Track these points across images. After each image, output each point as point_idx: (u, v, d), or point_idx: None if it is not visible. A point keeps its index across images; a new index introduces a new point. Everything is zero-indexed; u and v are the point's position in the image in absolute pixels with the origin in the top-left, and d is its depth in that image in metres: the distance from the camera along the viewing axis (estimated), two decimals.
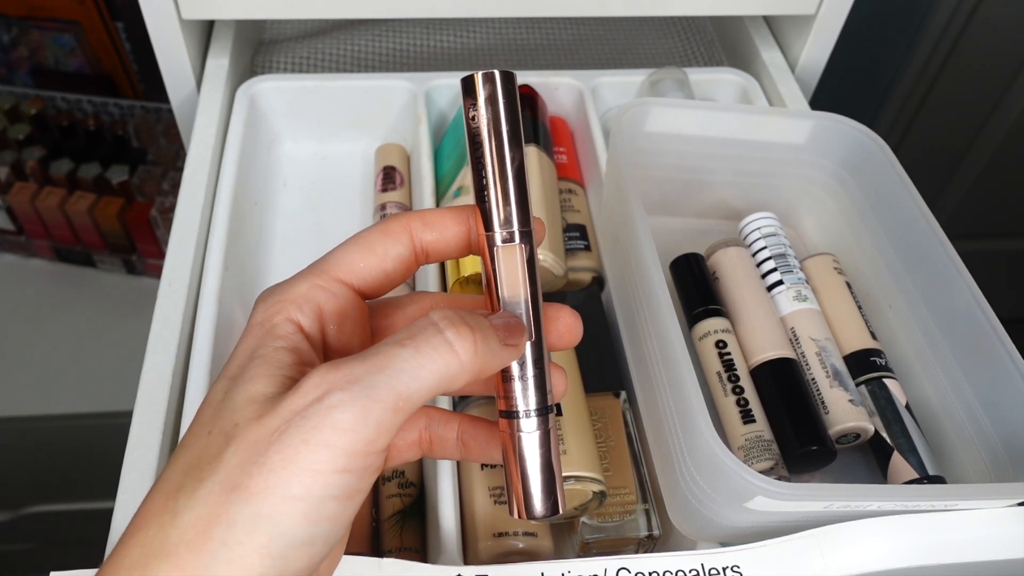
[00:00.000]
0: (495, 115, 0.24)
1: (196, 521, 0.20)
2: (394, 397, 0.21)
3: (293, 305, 0.24)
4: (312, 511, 0.20)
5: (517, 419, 0.25)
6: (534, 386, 0.25)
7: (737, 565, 0.31)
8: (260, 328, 0.24)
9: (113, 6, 0.86)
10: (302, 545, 0.21)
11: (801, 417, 0.38)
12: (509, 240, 0.25)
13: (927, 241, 0.39)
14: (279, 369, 0.23)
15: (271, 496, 0.20)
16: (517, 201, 0.25)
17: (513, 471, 0.26)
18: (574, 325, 0.27)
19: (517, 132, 0.25)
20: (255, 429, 0.21)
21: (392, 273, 0.26)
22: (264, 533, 0.20)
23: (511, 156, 0.24)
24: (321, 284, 0.24)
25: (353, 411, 0.21)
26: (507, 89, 0.24)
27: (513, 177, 0.25)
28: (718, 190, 0.48)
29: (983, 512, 0.32)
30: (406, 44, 0.65)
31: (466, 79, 0.25)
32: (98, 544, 0.33)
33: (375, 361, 0.22)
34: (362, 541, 0.37)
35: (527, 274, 0.25)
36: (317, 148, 0.57)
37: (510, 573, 0.30)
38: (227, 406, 0.22)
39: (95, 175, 0.86)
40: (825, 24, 0.56)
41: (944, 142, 0.95)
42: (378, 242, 0.25)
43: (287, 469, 0.20)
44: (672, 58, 0.66)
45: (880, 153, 0.43)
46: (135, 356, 0.41)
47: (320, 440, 0.20)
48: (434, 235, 0.26)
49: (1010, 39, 0.84)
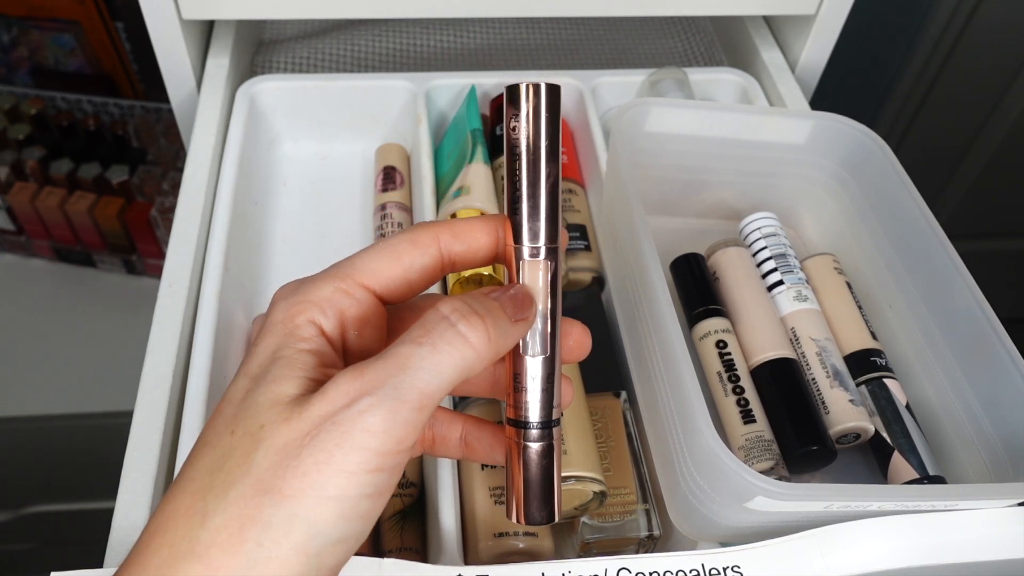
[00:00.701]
0: (536, 128, 0.24)
1: (228, 523, 0.20)
2: (418, 396, 0.22)
3: (316, 308, 0.24)
4: (348, 510, 0.21)
5: (526, 429, 0.26)
6: (545, 399, 0.26)
7: (737, 565, 0.31)
8: (282, 328, 0.24)
9: (113, 6, 0.86)
10: (337, 543, 0.21)
11: (801, 417, 0.38)
12: (536, 255, 0.25)
13: (927, 241, 0.39)
14: (303, 371, 0.23)
15: (307, 498, 0.21)
16: (548, 217, 0.25)
17: (516, 478, 0.26)
18: (584, 340, 0.27)
19: (556, 147, 0.25)
20: (285, 432, 0.21)
21: (415, 283, 0.26)
22: (301, 533, 0.21)
23: (547, 171, 0.25)
24: (345, 289, 0.25)
25: (382, 414, 0.21)
26: (551, 103, 0.25)
27: (547, 193, 0.25)
28: (718, 190, 0.48)
29: (983, 512, 0.32)
30: (406, 44, 0.65)
31: (511, 88, 0.25)
32: (98, 544, 0.33)
33: (396, 363, 0.22)
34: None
35: (549, 290, 0.25)
36: (317, 148, 0.57)
37: (510, 573, 0.30)
38: (250, 406, 0.22)
39: (95, 175, 0.86)
40: (825, 24, 0.56)
41: (944, 142, 0.95)
42: (406, 252, 0.26)
43: (322, 472, 0.21)
44: (672, 58, 0.66)
45: (880, 153, 0.43)
46: (135, 356, 0.41)
47: (353, 443, 0.21)
48: (463, 247, 0.26)
49: (1010, 39, 0.84)
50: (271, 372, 0.23)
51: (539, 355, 0.26)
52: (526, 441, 0.26)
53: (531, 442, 0.26)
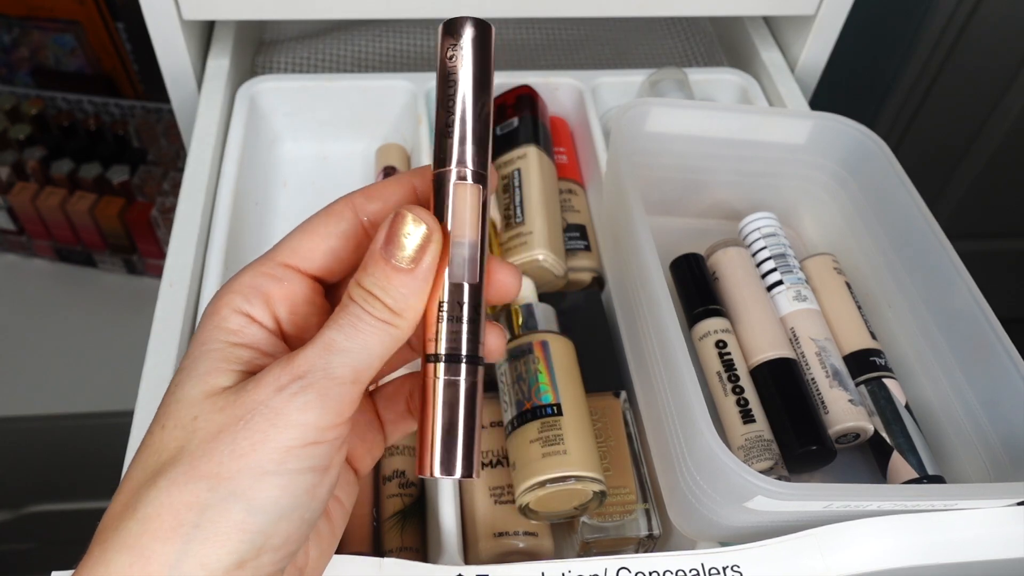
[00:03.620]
0: (474, 57, 0.24)
1: (160, 511, 0.20)
2: (350, 371, 0.22)
3: (238, 296, 0.24)
4: (289, 483, 0.21)
5: (447, 363, 0.24)
6: (466, 330, 0.24)
7: (737, 565, 0.31)
8: (209, 322, 0.24)
9: (114, 6, 0.86)
10: (281, 519, 0.21)
11: (801, 417, 0.38)
12: (463, 178, 0.24)
13: (927, 241, 0.39)
14: (231, 363, 0.23)
15: (244, 476, 0.21)
16: (480, 142, 0.25)
17: (430, 423, 0.24)
18: (511, 279, 0.26)
19: (489, 79, 0.25)
20: (218, 420, 0.21)
21: (339, 250, 0.25)
22: (240, 510, 0.20)
23: (482, 99, 0.25)
24: (265, 271, 0.24)
25: (316, 391, 0.21)
26: (484, 37, 0.25)
27: (481, 119, 0.25)
28: (718, 190, 0.48)
29: (982, 512, 0.32)
30: (406, 44, 0.65)
31: (450, 21, 0.25)
32: None
33: (324, 345, 0.22)
34: (362, 541, 0.37)
35: (479, 216, 0.24)
36: (317, 148, 0.57)
37: (510, 573, 0.31)
38: (181, 399, 0.22)
39: (96, 175, 0.86)
40: (825, 24, 0.56)
41: (944, 142, 0.95)
42: (320, 222, 0.25)
43: (257, 451, 0.21)
44: (672, 58, 0.66)
45: (880, 153, 0.43)
46: (135, 356, 0.41)
47: (288, 421, 0.21)
48: (377, 205, 0.26)
49: (1010, 39, 0.84)
50: (200, 366, 0.23)
51: (464, 281, 0.24)
52: (447, 375, 0.23)
53: (452, 376, 0.23)
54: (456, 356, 0.24)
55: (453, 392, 0.24)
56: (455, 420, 0.24)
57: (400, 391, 0.28)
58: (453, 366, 0.24)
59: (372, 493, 0.40)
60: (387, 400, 0.28)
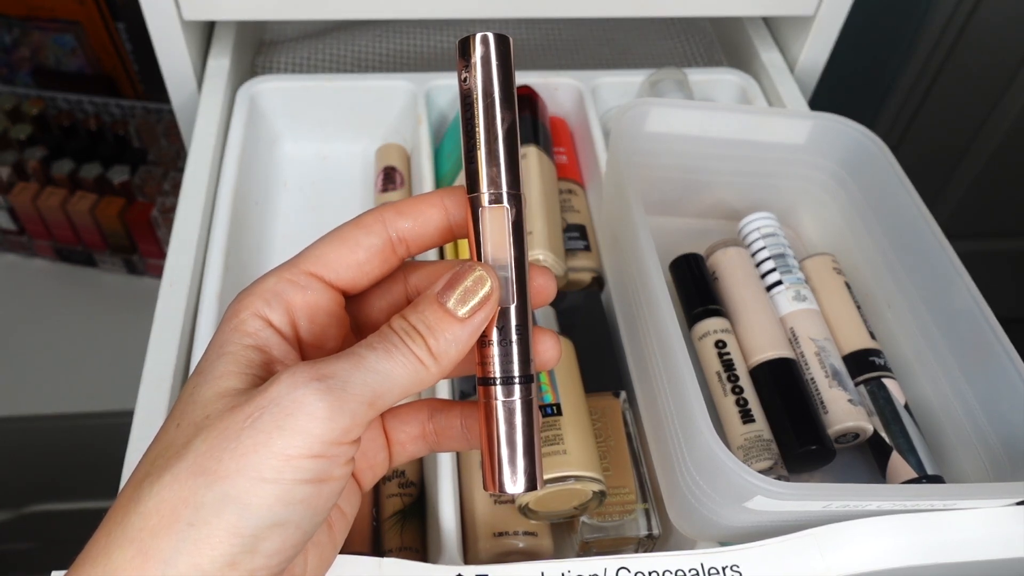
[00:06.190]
0: (487, 76, 0.24)
1: (160, 506, 0.20)
2: (370, 393, 0.22)
3: (260, 300, 0.24)
4: (284, 494, 0.21)
5: (496, 386, 0.24)
6: (517, 351, 0.24)
7: (737, 565, 0.31)
8: (228, 324, 0.24)
9: (114, 6, 0.86)
10: (273, 527, 0.21)
11: (800, 417, 0.38)
12: (497, 201, 0.24)
13: (926, 241, 0.39)
14: (246, 367, 0.23)
15: (240, 478, 0.20)
16: (506, 162, 0.24)
17: (489, 444, 0.24)
18: (548, 286, 0.26)
19: (510, 94, 0.24)
20: (228, 418, 0.21)
21: (366, 264, 0.25)
22: (233, 513, 0.20)
23: (502, 117, 0.24)
24: (289, 278, 0.24)
25: (329, 400, 0.21)
26: (501, 51, 0.24)
27: (504, 138, 0.24)
28: (718, 190, 0.48)
29: (982, 511, 0.32)
30: (406, 44, 0.65)
31: (462, 41, 0.24)
32: None
33: (351, 360, 0.22)
34: (362, 541, 0.37)
35: (512, 237, 0.24)
36: (317, 148, 0.57)
37: (510, 573, 0.31)
38: (196, 400, 0.22)
39: (96, 175, 0.86)
40: (824, 24, 0.56)
41: (944, 142, 0.95)
42: (349, 234, 0.25)
43: (258, 453, 0.21)
44: (672, 58, 0.66)
45: (879, 153, 0.43)
46: (135, 356, 0.41)
47: (295, 427, 0.21)
48: (409, 222, 0.25)
49: (1010, 39, 0.84)
50: (216, 368, 0.23)
51: (509, 304, 0.24)
52: (503, 397, 0.24)
53: (507, 397, 0.24)
54: (509, 379, 0.24)
55: (509, 412, 0.24)
56: (514, 438, 0.24)
57: (415, 415, 0.27)
58: (507, 388, 0.24)
59: (372, 493, 0.40)
60: (399, 422, 0.28)
